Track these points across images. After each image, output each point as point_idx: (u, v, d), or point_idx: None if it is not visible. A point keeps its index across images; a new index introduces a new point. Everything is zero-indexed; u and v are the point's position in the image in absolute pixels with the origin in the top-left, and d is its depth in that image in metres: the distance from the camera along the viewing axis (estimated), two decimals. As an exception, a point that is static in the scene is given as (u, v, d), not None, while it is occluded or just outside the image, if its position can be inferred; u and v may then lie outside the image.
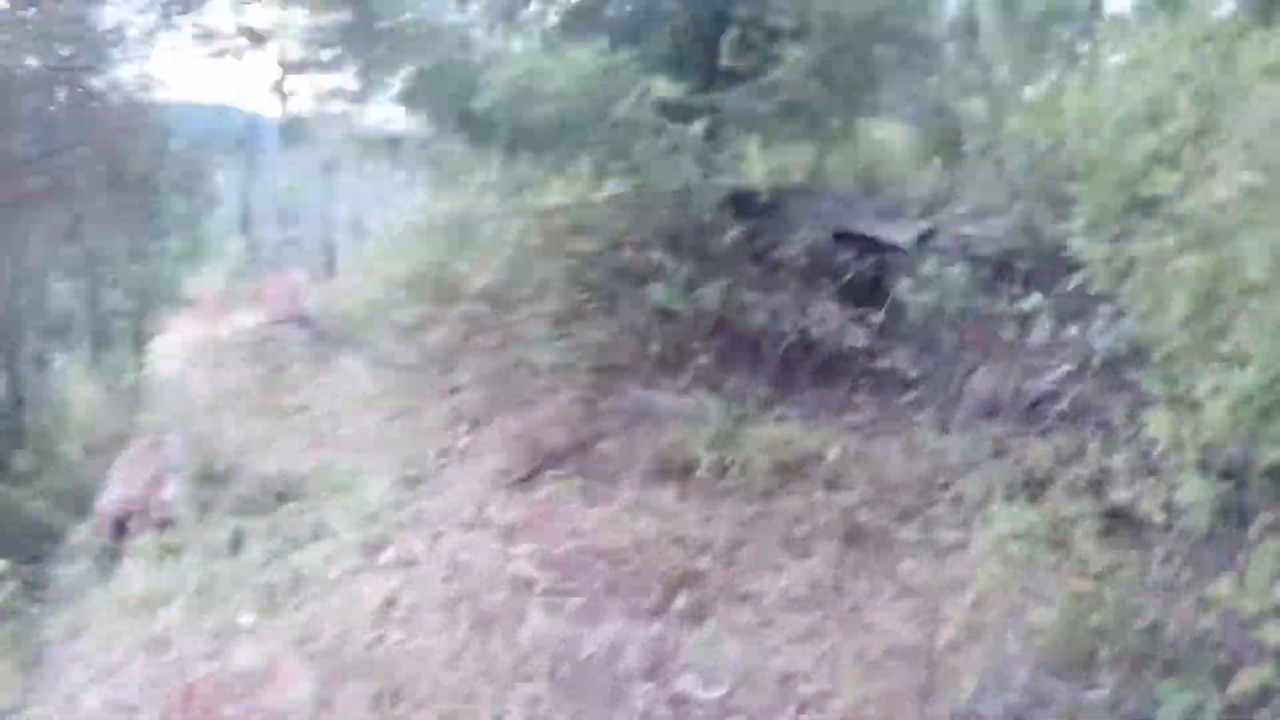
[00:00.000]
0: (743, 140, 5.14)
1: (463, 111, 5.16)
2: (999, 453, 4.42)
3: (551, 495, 4.75)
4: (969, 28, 5.70)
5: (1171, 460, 3.11)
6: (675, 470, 4.74)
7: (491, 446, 5.33)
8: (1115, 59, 5.68)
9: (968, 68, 5.63)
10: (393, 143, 6.43)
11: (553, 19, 6.18)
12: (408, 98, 5.75)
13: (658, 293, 4.92)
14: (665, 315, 5.10)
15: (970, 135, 5.98)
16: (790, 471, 4.55)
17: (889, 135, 6.23)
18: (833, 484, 4.46)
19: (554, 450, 5.05)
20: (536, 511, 4.66)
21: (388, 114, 6.80)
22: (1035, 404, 4.70)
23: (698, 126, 4.95)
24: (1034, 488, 4.00)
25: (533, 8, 6.26)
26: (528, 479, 4.93)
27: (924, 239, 5.71)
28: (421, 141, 6.02)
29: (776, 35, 5.00)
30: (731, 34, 5.22)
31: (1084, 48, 7.70)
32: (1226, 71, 3.93)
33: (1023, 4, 5.64)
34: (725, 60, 5.22)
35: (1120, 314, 4.38)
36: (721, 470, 4.62)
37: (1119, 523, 3.65)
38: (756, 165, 5.13)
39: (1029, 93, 5.63)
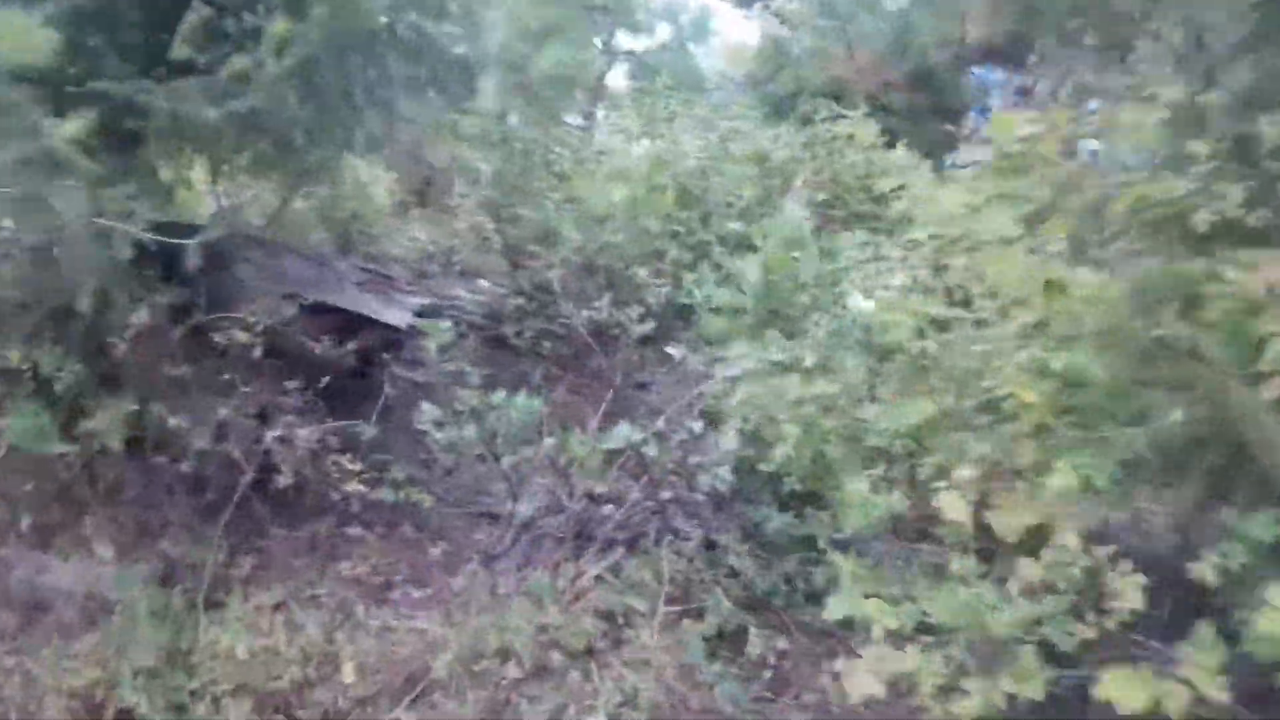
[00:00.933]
0: (180, 161, 3.27)
1: None
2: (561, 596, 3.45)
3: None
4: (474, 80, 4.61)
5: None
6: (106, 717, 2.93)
7: None
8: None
9: (473, 116, 4.57)
10: None
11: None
12: None
13: (17, 430, 2.82)
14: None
15: (468, 190, 4.97)
16: (289, 700, 2.92)
17: (372, 178, 4.82)
18: (364, 703, 2.97)
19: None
20: None
21: None
22: (594, 527, 3.81)
23: (86, 121, 2.91)
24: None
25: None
26: None
27: (420, 316, 4.47)
28: None
29: (257, 27, 3.24)
30: (197, 13, 3.30)
31: (593, 115, 7.50)
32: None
33: (533, 65, 4.87)
34: (180, 48, 3.26)
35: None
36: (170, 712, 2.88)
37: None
38: (199, 202, 3.32)
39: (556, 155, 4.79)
